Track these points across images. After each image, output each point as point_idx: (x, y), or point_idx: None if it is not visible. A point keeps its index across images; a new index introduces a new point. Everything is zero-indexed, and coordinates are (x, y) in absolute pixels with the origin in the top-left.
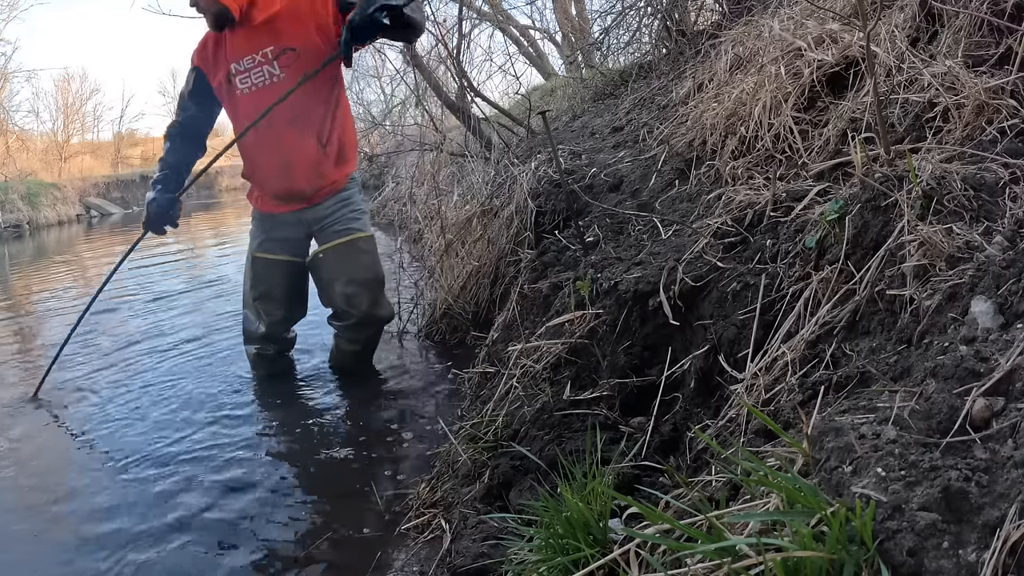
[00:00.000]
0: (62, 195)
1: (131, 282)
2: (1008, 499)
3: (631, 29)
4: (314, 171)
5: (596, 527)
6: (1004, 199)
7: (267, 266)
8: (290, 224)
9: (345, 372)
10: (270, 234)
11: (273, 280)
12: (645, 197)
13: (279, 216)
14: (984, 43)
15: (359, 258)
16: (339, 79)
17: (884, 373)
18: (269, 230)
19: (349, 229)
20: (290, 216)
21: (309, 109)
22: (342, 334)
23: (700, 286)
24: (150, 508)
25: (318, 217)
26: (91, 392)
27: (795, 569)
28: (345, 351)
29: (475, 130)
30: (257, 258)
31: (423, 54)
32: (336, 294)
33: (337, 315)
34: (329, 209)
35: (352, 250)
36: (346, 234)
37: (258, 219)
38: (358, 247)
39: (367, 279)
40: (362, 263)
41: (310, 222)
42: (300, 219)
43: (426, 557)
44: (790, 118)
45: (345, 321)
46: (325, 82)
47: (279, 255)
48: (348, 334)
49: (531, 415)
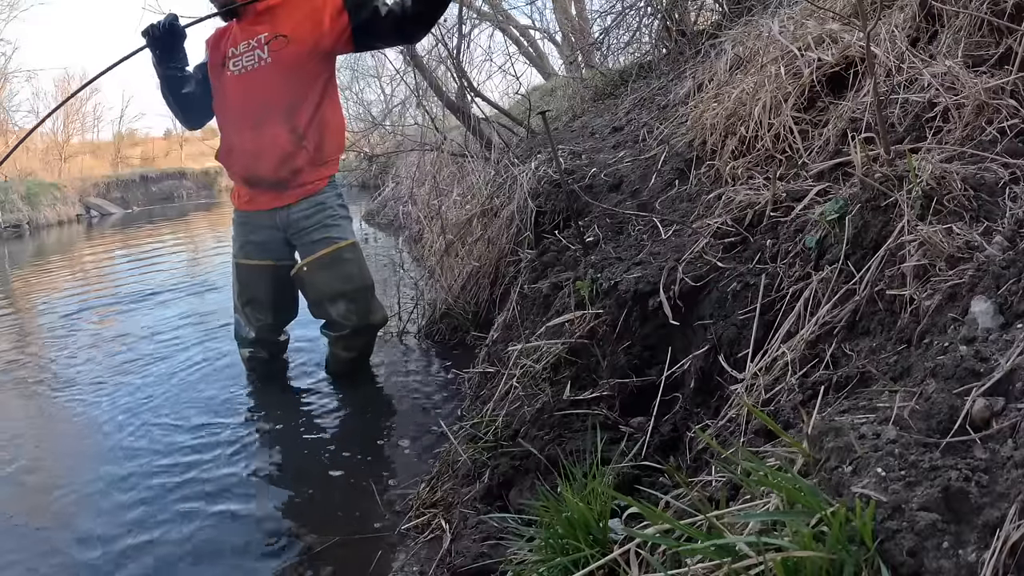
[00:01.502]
0: (62, 195)
1: (131, 281)
2: (1008, 499)
3: (631, 29)
4: (281, 160)
5: (596, 527)
6: (1004, 199)
7: (250, 272)
8: (266, 226)
9: (343, 377)
10: (249, 237)
11: (258, 286)
12: (645, 197)
13: (255, 216)
14: (984, 43)
15: (345, 268)
16: (331, 77)
17: (884, 373)
18: (248, 233)
19: (329, 238)
20: (265, 217)
21: (287, 97)
22: (337, 344)
23: (700, 286)
24: (148, 507)
25: (293, 220)
26: (87, 391)
27: (795, 569)
28: (342, 359)
29: (475, 130)
30: (240, 264)
31: (423, 54)
32: (328, 309)
33: (330, 326)
34: (305, 213)
35: (336, 261)
36: (327, 244)
37: (237, 222)
38: (342, 257)
39: (357, 288)
40: (348, 273)
41: (286, 224)
42: (275, 221)
43: (426, 557)
44: (790, 118)
45: (340, 332)
46: (311, 75)
47: (261, 260)
48: (344, 343)
49: (531, 415)
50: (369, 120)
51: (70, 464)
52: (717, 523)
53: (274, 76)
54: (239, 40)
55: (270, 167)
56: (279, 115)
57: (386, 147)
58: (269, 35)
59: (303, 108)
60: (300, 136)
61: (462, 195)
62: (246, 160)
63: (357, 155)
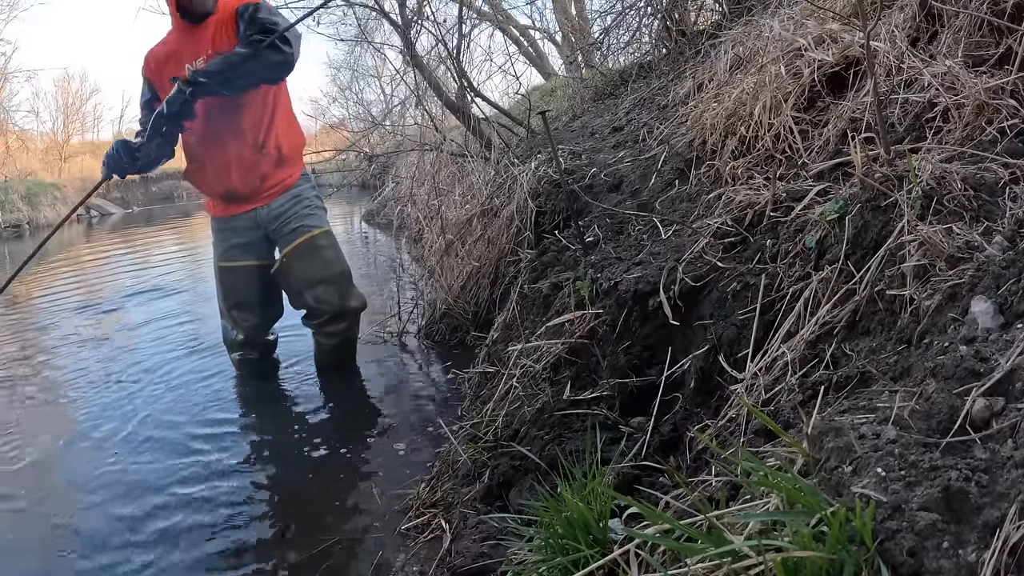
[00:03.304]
0: (62, 195)
1: (130, 280)
2: (1008, 499)
3: (631, 29)
4: (249, 173)
5: (596, 527)
6: (1004, 199)
7: (234, 274)
8: (247, 228)
9: (331, 370)
10: (230, 241)
11: (242, 287)
12: (645, 197)
13: (234, 220)
14: (984, 43)
15: (320, 256)
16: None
17: (884, 373)
18: (229, 238)
19: (304, 227)
20: (245, 219)
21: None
22: (318, 331)
23: (700, 286)
24: (148, 507)
25: (272, 216)
26: (87, 391)
27: (795, 569)
28: (325, 346)
29: (475, 130)
30: (223, 268)
31: (423, 54)
32: (305, 296)
33: (310, 314)
34: (283, 207)
35: (311, 249)
36: (302, 232)
37: (216, 228)
38: (316, 244)
39: (332, 275)
40: (324, 260)
41: (266, 222)
42: (255, 220)
43: (426, 557)
44: (790, 118)
45: (318, 319)
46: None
47: (243, 261)
48: (324, 330)
49: (531, 415)
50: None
51: (69, 464)
52: (717, 523)
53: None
54: (185, 59)
55: (240, 179)
56: (237, 128)
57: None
58: (212, 53)
59: (257, 117)
60: (260, 145)
61: (462, 195)
62: (215, 179)
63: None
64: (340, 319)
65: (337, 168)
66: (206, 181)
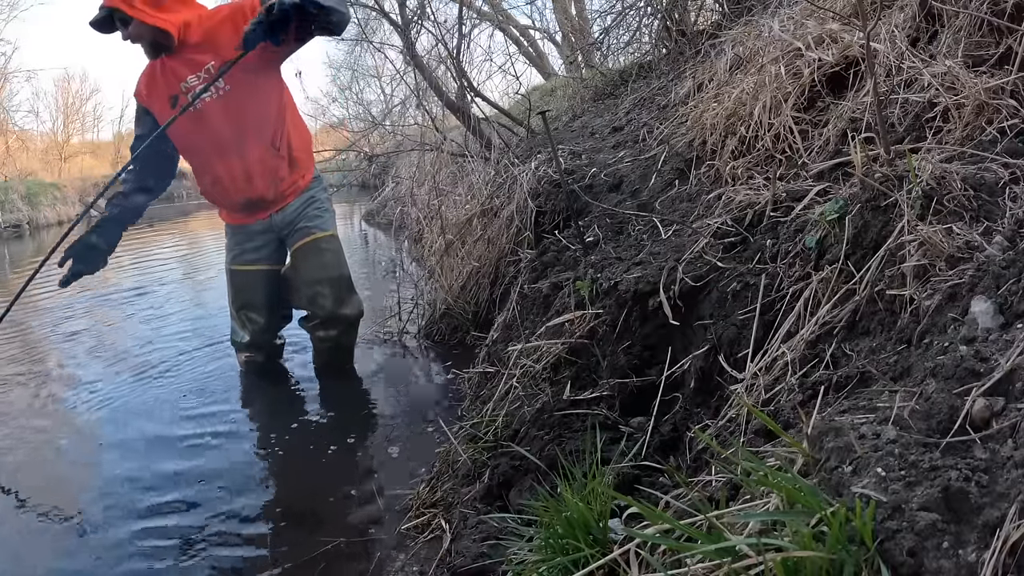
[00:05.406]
0: (62, 195)
1: (129, 279)
2: (1008, 499)
3: (631, 29)
4: (272, 175)
5: (596, 527)
6: (1004, 199)
7: (245, 277)
8: (261, 232)
9: (327, 371)
10: (244, 245)
11: (253, 289)
12: (645, 197)
13: (250, 226)
14: (984, 43)
15: (320, 258)
16: (281, 79)
17: (884, 373)
18: (242, 242)
19: (309, 228)
20: (260, 224)
21: (255, 114)
22: (314, 333)
23: (700, 286)
24: (148, 506)
25: (287, 221)
26: (87, 390)
27: (795, 569)
28: (319, 348)
29: (475, 130)
30: (235, 271)
31: (423, 54)
32: (302, 295)
33: (306, 316)
34: (296, 210)
35: (313, 250)
36: (307, 233)
37: (230, 232)
38: (319, 247)
39: (330, 278)
40: (323, 262)
41: (280, 227)
42: (271, 226)
43: (426, 557)
44: (790, 118)
45: (311, 321)
46: (268, 85)
47: (255, 265)
48: (317, 333)
49: (531, 415)
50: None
51: (62, 465)
52: (717, 523)
53: (238, 99)
54: (183, 75)
55: (264, 187)
56: (254, 134)
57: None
58: (218, 63)
59: (271, 119)
60: (277, 147)
61: (462, 195)
62: (238, 189)
63: (357, 155)
64: (332, 324)
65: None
66: (226, 193)
